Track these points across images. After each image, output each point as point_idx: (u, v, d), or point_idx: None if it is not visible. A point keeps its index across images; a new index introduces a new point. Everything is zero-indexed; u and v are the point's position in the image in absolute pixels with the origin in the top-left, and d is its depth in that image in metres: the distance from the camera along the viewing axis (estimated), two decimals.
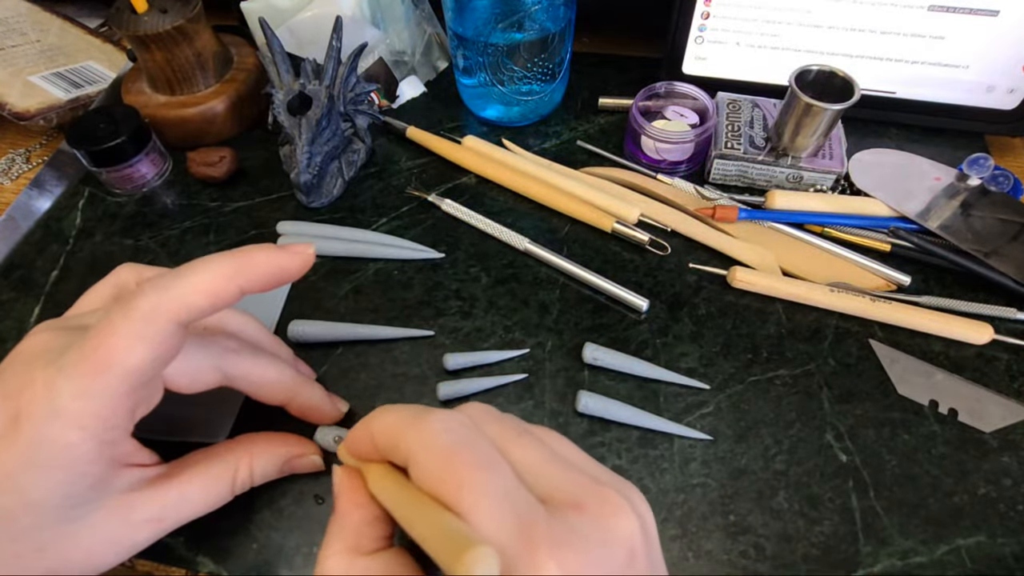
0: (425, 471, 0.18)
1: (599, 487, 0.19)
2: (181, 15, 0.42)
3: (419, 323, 0.37)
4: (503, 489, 0.17)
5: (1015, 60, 0.41)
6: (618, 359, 0.35)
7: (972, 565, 0.29)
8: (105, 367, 0.21)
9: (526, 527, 0.17)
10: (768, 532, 0.30)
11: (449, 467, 0.18)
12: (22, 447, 0.21)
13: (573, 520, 0.18)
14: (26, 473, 0.21)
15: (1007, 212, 0.39)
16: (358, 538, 0.20)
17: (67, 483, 0.22)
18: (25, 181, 0.47)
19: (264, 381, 0.28)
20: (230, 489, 0.27)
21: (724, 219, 0.40)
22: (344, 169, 0.44)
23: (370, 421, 0.21)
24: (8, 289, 0.40)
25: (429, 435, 0.19)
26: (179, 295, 0.22)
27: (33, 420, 0.21)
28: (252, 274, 0.23)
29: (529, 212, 0.43)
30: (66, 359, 0.21)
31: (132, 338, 0.21)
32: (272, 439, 0.29)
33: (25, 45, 0.52)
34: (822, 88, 0.39)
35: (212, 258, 0.23)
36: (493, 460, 0.18)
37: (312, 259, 0.25)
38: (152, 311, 0.21)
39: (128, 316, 0.21)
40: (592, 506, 0.18)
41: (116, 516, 0.23)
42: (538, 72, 0.44)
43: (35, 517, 0.22)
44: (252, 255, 0.23)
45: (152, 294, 0.22)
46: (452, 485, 0.17)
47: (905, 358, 0.35)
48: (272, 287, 0.24)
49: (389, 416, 0.20)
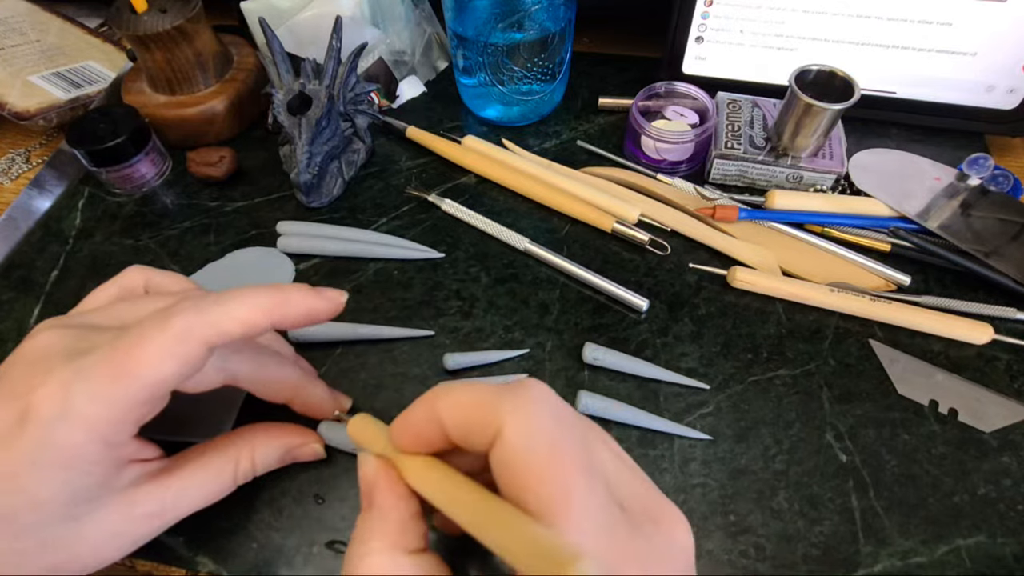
0: (521, 460, 0.17)
1: (665, 500, 0.20)
2: (181, 15, 0.42)
3: (419, 323, 0.37)
4: (602, 496, 0.17)
5: (1015, 60, 0.41)
6: (618, 359, 0.35)
7: (972, 565, 0.29)
8: (129, 375, 0.21)
9: (617, 538, 0.17)
10: (768, 532, 0.30)
11: (554, 464, 0.17)
12: (28, 447, 0.21)
13: (651, 534, 0.18)
14: (31, 473, 0.21)
15: (1007, 212, 0.39)
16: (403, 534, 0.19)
17: (72, 483, 0.22)
18: (25, 181, 0.47)
19: (268, 380, 0.28)
20: (232, 480, 0.27)
21: (724, 219, 0.40)
22: (344, 169, 0.44)
23: (435, 401, 0.19)
24: (8, 289, 0.40)
25: (532, 420, 0.17)
26: (215, 321, 0.22)
27: (41, 420, 0.21)
28: (286, 312, 0.24)
29: (529, 212, 0.43)
30: (87, 361, 0.22)
31: (163, 353, 0.22)
32: (273, 429, 0.29)
33: (25, 45, 0.52)
34: (822, 88, 0.39)
35: (251, 290, 0.24)
36: (593, 463, 0.18)
37: (342, 307, 0.26)
38: (187, 331, 0.22)
39: (163, 331, 0.22)
40: (665, 521, 0.19)
41: (119, 512, 0.24)
42: (538, 72, 0.44)
43: (39, 515, 0.22)
44: (288, 294, 0.24)
45: (191, 315, 0.22)
46: (555, 485, 0.16)
47: (905, 358, 0.35)
48: (300, 326, 0.25)
49: (465, 393, 0.18)
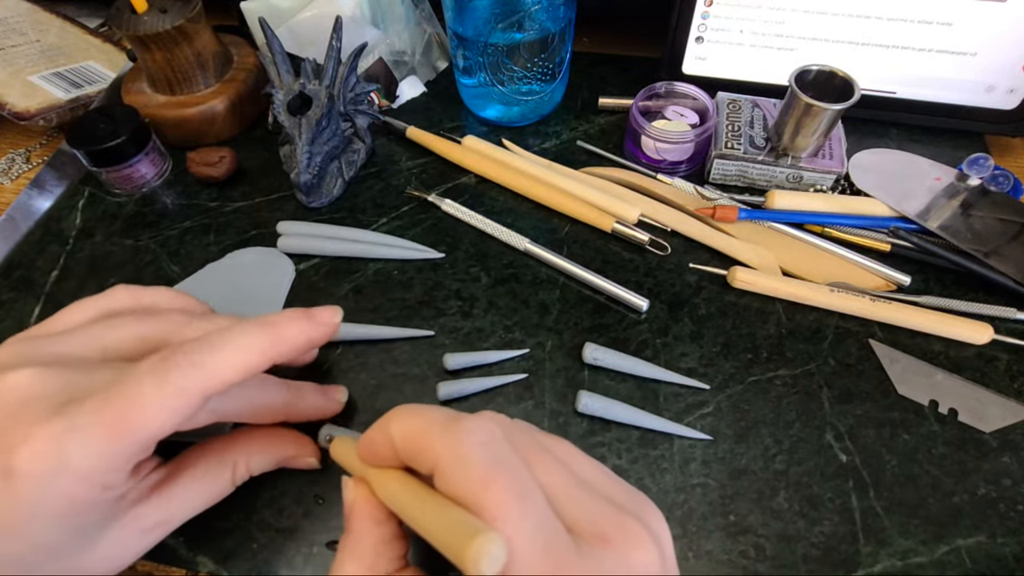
0: (457, 490, 0.18)
1: (622, 517, 0.19)
2: (181, 15, 0.42)
3: (419, 323, 0.37)
4: (538, 520, 0.17)
5: (1016, 59, 0.41)
6: (618, 359, 0.35)
7: (972, 565, 0.29)
8: (126, 432, 0.21)
9: (558, 561, 0.17)
10: (768, 532, 0.30)
11: (486, 492, 0.17)
12: (21, 501, 0.20)
13: (600, 554, 0.18)
14: (29, 523, 0.21)
15: (1007, 212, 0.39)
16: (377, 557, 0.20)
17: (73, 525, 0.22)
18: (25, 181, 0.47)
19: (256, 410, 0.28)
20: (231, 483, 0.27)
21: (724, 219, 0.40)
22: (344, 169, 0.44)
23: (389, 423, 0.20)
24: (8, 289, 0.40)
25: (463, 450, 0.18)
26: (214, 372, 0.22)
27: (33, 476, 0.20)
28: (284, 348, 0.24)
29: (529, 212, 0.43)
30: (80, 418, 0.21)
31: (161, 409, 0.21)
32: (270, 438, 0.29)
33: (25, 45, 0.52)
34: (822, 88, 0.39)
35: (244, 330, 0.23)
36: (529, 487, 0.18)
37: (337, 327, 0.27)
38: (186, 387, 0.22)
39: (161, 387, 0.21)
40: (617, 539, 0.18)
41: (127, 529, 0.24)
42: (538, 72, 0.44)
43: (46, 556, 0.22)
44: (284, 331, 0.24)
45: (188, 370, 0.22)
46: (488, 513, 0.17)
47: (905, 358, 0.35)
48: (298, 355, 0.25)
49: (413, 420, 0.19)
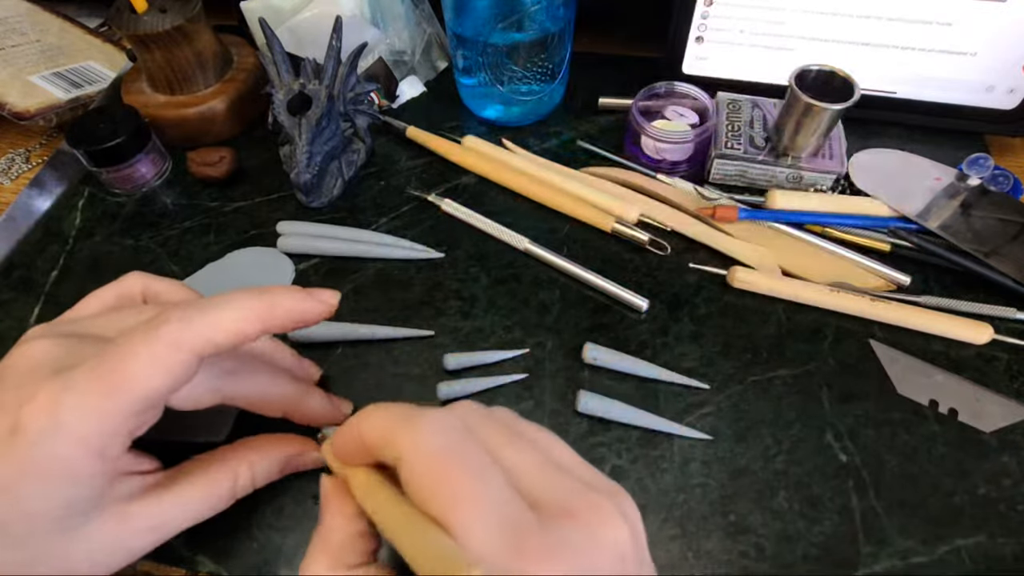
0: (415, 477, 0.18)
1: (590, 494, 0.19)
2: (181, 15, 0.42)
3: (419, 323, 0.37)
4: (495, 499, 0.17)
5: (1016, 59, 0.41)
6: (618, 359, 0.35)
7: (972, 565, 0.29)
8: (118, 390, 0.21)
9: (517, 538, 0.17)
10: (768, 532, 0.30)
11: (440, 475, 0.18)
12: (20, 459, 0.21)
13: (564, 529, 0.18)
14: (23, 485, 0.21)
15: (1007, 212, 0.39)
16: (342, 552, 0.20)
17: (64, 495, 0.22)
18: (25, 181, 0.47)
19: (262, 398, 0.28)
20: (231, 495, 0.27)
21: (724, 219, 0.40)
22: (344, 169, 0.44)
23: (359, 421, 0.20)
24: (8, 289, 0.40)
25: (421, 438, 0.18)
26: (204, 330, 0.22)
27: (33, 434, 0.21)
28: (277, 316, 0.24)
29: (529, 212, 0.43)
30: (76, 376, 0.21)
31: (152, 366, 0.21)
32: (271, 441, 0.29)
33: (25, 45, 0.52)
34: (822, 88, 0.39)
35: (240, 295, 0.23)
36: (485, 468, 0.18)
37: (335, 308, 0.26)
38: (176, 342, 0.22)
39: (151, 343, 0.21)
40: (583, 514, 0.18)
41: (114, 525, 0.23)
42: (538, 72, 0.44)
43: (31, 527, 0.22)
44: (279, 299, 0.24)
45: (178, 325, 0.22)
46: (443, 495, 0.17)
47: (905, 358, 0.35)
48: (292, 329, 0.25)
49: (379, 416, 0.20)
